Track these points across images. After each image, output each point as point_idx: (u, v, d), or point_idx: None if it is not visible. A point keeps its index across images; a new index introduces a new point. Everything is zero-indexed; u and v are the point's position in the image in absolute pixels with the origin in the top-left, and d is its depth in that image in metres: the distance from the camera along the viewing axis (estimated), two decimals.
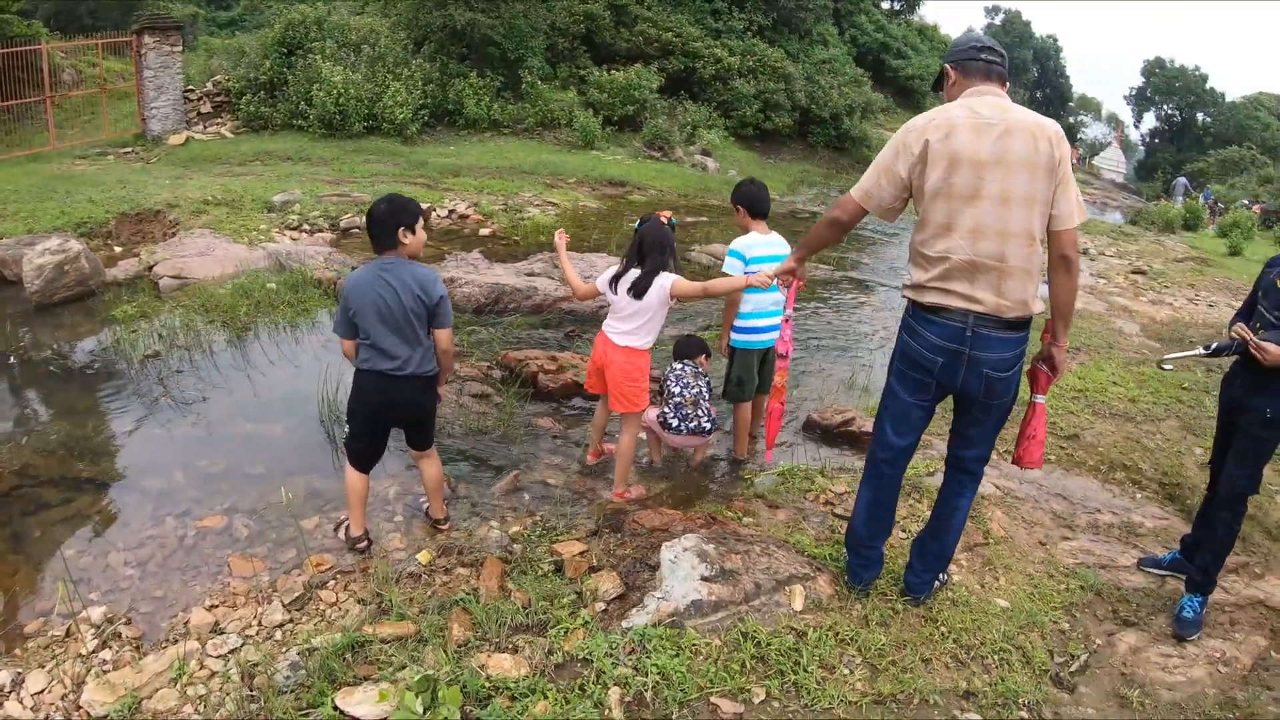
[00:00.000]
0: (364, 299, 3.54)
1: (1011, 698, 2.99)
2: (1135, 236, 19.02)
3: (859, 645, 3.11)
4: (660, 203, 14.67)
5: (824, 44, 26.05)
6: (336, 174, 12.82)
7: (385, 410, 3.77)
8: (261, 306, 7.01)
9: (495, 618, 3.16)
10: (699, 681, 2.82)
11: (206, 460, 4.70)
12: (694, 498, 4.76)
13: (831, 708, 2.79)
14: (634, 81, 19.21)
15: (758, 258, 4.63)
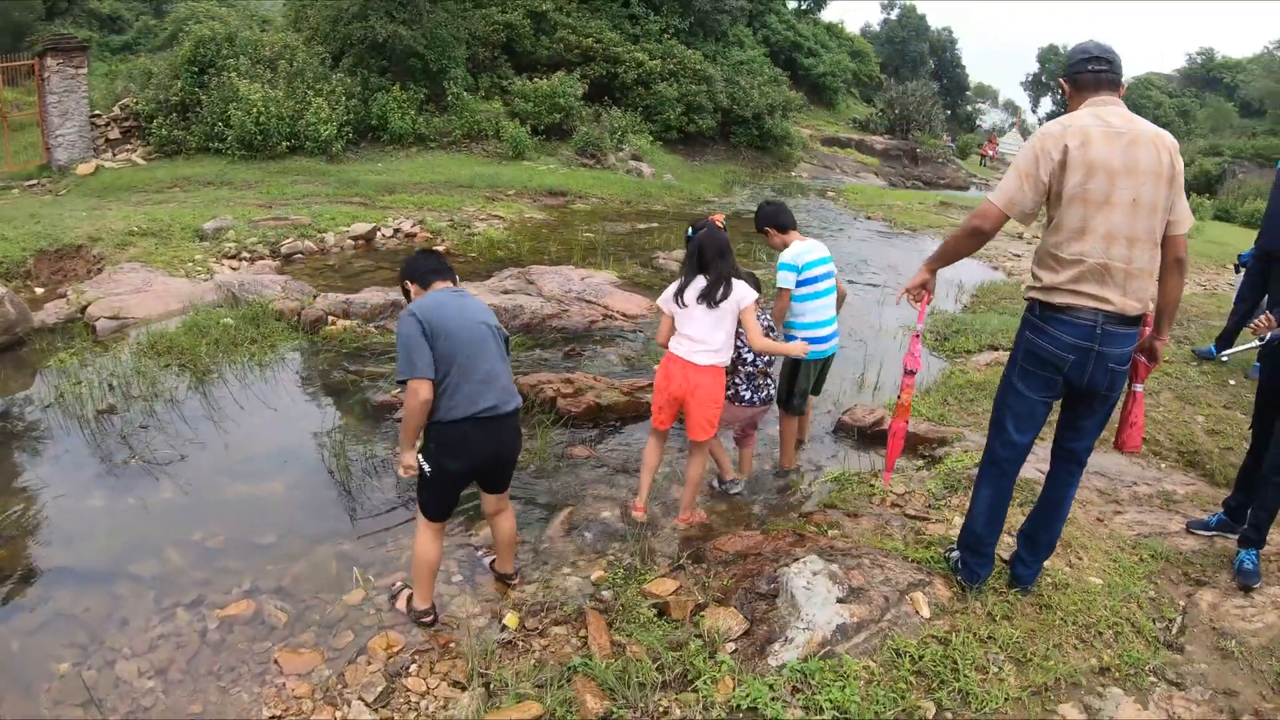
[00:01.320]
0: (453, 327, 3.07)
1: (1139, 666, 3.07)
2: None
3: (999, 642, 3.08)
4: (605, 211, 14.42)
5: (740, 45, 26.23)
6: (265, 197, 12.06)
7: (493, 459, 3.28)
8: (222, 345, 6.33)
9: (627, 680, 2.78)
10: (875, 709, 2.67)
11: (202, 532, 4.03)
12: (756, 516, 4.50)
13: (1000, 708, 2.75)
14: (558, 89, 18.87)
15: (810, 263, 4.53)
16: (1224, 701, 2.94)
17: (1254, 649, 3.23)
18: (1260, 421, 4.00)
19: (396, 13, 16.38)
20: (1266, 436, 3.87)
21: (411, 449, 3.15)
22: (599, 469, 4.90)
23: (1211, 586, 3.72)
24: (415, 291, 3.34)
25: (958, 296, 10.12)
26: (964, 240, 3.18)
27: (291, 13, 19.45)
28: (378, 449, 4.96)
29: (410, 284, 3.38)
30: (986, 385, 6.42)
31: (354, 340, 6.71)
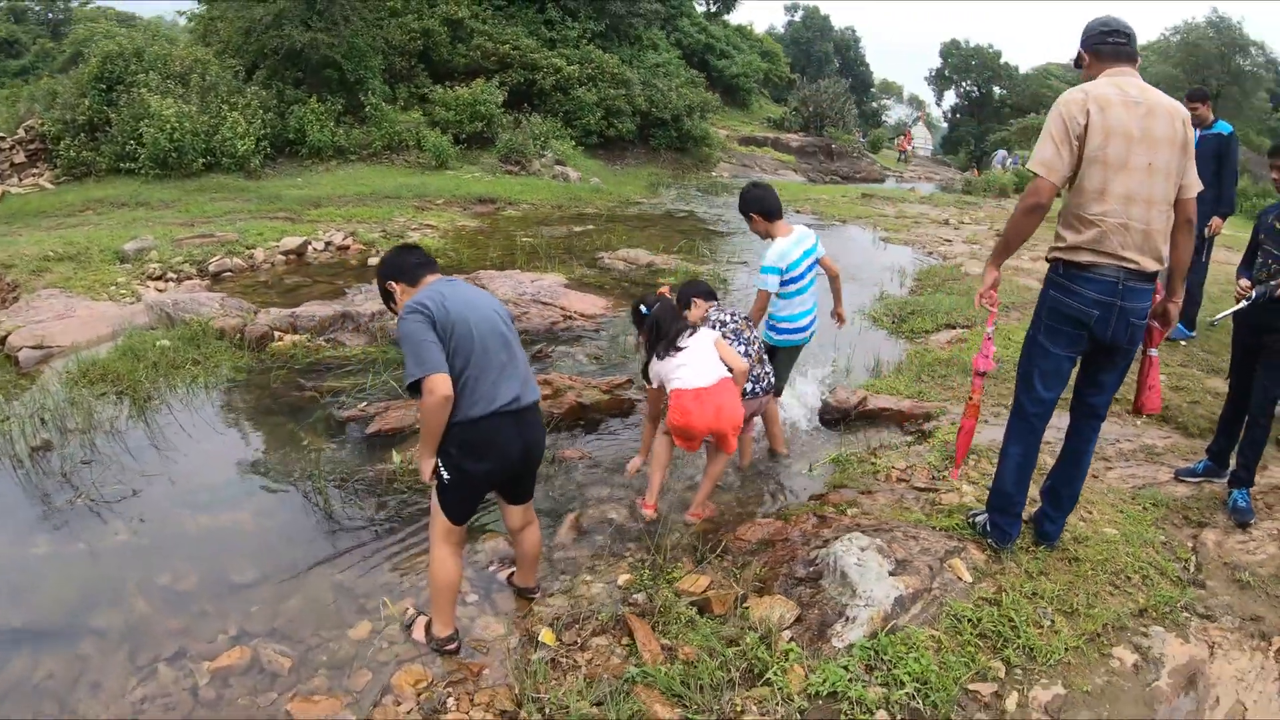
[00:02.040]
0: (463, 317, 2.77)
1: (1172, 605, 3.23)
2: (977, 204, 20.40)
3: (1044, 597, 3.16)
4: (537, 216, 14.23)
5: (654, 49, 26.31)
6: (185, 216, 11.39)
7: (523, 458, 2.99)
8: (161, 369, 5.84)
9: (692, 683, 2.61)
10: (953, 676, 2.66)
11: (169, 575, 3.56)
12: (765, 503, 4.40)
13: (1064, 658, 2.84)
14: (478, 97, 18.52)
15: (794, 262, 4.42)
16: (1252, 627, 3.14)
17: (1265, 578, 3.47)
18: (1238, 373, 4.28)
19: (312, 22, 15.80)
20: (1243, 387, 4.19)
21: (433, 455, 2.83)
22: (593, 469, 4.67)
23: (1212, 527, 3.93)
24: (402, 291, 2.96)
25: (902, 281, 10.24)
26: (1024, 220, 3.21)
27: (200, 26, 18.60)
28: (353, 466, 4.61)
29: (395, 284, 2.98)
30: (954, 361, 6.49)
31: (306, 356, 6.31)
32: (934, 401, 5.62)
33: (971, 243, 13.62)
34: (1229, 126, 6.77)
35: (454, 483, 2.86)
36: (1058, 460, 3.53)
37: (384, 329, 6.79)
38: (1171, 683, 2.81)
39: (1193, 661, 2.92)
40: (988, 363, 3.48)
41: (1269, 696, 2.78)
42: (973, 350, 6.72)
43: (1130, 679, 2.81)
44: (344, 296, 8.06)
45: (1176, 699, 2.73)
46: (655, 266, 10.35)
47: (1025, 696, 2.65)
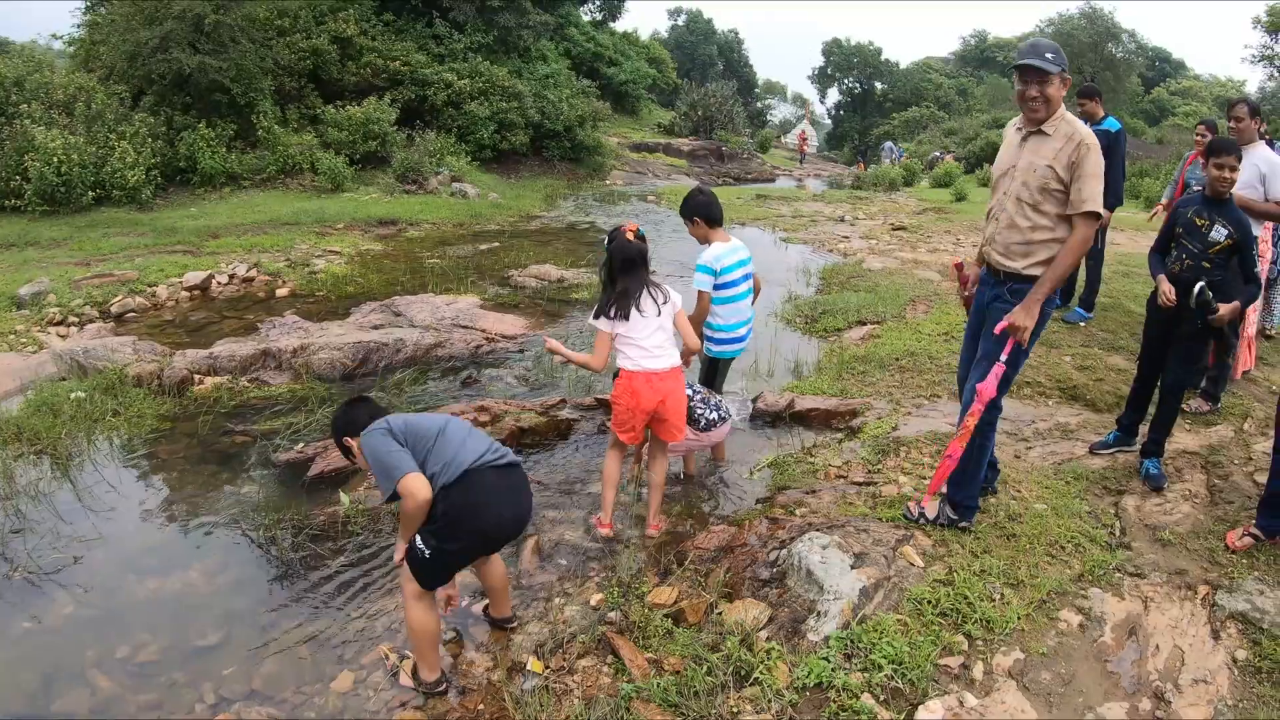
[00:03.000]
0: (418, 419, 3.00)
1: (1105, 567, 3.56)
2: (868, 199, 21.21)
3: (991, 573, 3.43)
4: (440, 236, 14.07)
5: (544, 60, 26.30)
6: (80, 254, 10.78)
7: (516, 520, 3.07)
8: (80, 424, 5.54)
9: (686, 693, 2.74)
10: (924, 653, 2.88)
11: (127, 646, 3.41)
12: (715, 511, 4.56)
13: (1019, 625, 3.11)
14: (371, 115, 18.13)
15: (729, 267, 4.54)
16: (1179, 579, 3.51)
17: (1183, 534, 3.87)
18: (1149, 356, 4.64)
19: (199, 44, 15.20)
20: (1153, 367, 4.59)
21: (408, 541, 2.92)
22: (543, 493, 4.71)
23: (1130, 494, 4.31)
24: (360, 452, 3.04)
25: (808, 281, 10.64)
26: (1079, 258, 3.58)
27: (82, 52, 17.60)
28: (301, 512, 4.51)
29: (352, 440, 3.03)
30: (871, 357, 6.83)
31: (231, 398, 6.11)
32: (858, 398, 5.91)
33: (868, 238, 14.20)
34: (1117, 123, 7.22)
35: (433, 558, 2.89)
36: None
37: (307, 365, 6.66)
38: (1115, 637, 3.13)
39: (1131, 616, 3.24)
40: (993, 390, 3.53)
41: (1202, 639, 3.14)
42: (887, 346, 7.09)
43: (1078, 638, 3.12)
44: (257, 332, 7.84)
45: (1121, 650, 3.05)
46: (567, 281, 10.44)
47: (990, 664, 2.91)
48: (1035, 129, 3.49)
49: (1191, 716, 2.75)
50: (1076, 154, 3.32)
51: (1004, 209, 3.57)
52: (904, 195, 22.75)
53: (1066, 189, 3.36)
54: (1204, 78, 53.18)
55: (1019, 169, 3.52)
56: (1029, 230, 3.47)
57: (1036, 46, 3.44)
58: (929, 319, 8.09)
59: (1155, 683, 2.91)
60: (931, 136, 41.22)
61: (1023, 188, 3.48)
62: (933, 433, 5.15)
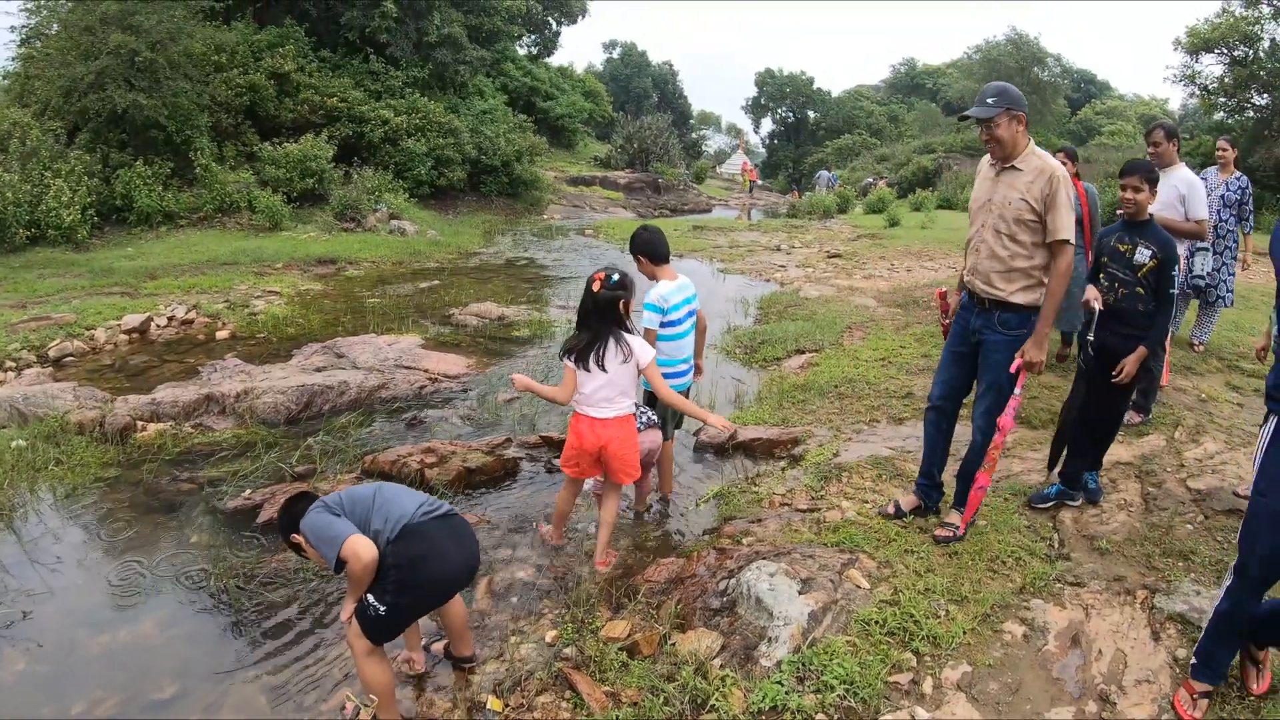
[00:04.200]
0: (353, 491, 3.04)
1: (1046, 579, 3.74)
2: (803, 227, 21.73)
3: (935, 591, 3.59)
4: (380, 274, 13.99)
5: (480, 95, 26.46)
6: (14, 296, 10.44)
7: (469, 560, 3.14)
8: (21, 472, 5.40)
9: None
10: (874, 672, 3.01)
11: (83, 702, 3.36)
12: (664, 543, 4.66)
13: (965, 640, 3.27)
14: (308, 153, 18.02)
15: (675, 305, 4.65)
16: (1118, 586, 3.70)
17: (1119, 542, 4.09)
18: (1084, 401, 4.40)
19: (135, 80, 14.96)
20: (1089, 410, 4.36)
21: (355, 602, 2.96)
22: (493, 533, 4.75)
23: (1067, 507, 4.52)
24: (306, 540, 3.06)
25: (746, 311, 10.88)
26: (1066, 286, 3.75)
27: (16, 87, 17.13)
28: (251, 559, 4.49)
29: (299, 536, 3.02)
30: (811, 385, 7.04)
31: (175, 445, 6.00)
32: (799, 426, 6.10)
33: (805, 266, 14.58)
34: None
35: (387, 616, 2.91)
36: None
37: (251, 409, 6.59)
38: (1059, 645, 3.31)
39: (1073, 624, 3.44)
40: (1011, 422, 3.88)
41: (1143, 641, 3.35)
42: (826, 374, 7.31)
43: (1023, 648, 3.30)
44: (199, 375, 7.72)
45: (1065, 657, 3.24)
46: (507, 319, 10.49)
47: (939, 678, 3.07)
48: (1007, 165, 3.78)
49: (1136, 715, 2.92)
50: (1049, 187, 3.63)
51: (983, 240, 3.87)
52: (839, 222, 23.37)
53: (1040, 219, 3.69)
54: (1128, 97, 55.71)
55: (995, 202, 3.82)
56: (1009, 259, 3.77)
57: (981, 94, 3.78)
58: (866, 345, 8.36)
59: (1100, 685, 3.08)
60: (864, 163, 42.43)
61: (1000, 220, 3.79)
62: (874, 457, 5.35)
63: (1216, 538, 4.15)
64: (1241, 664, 3.06)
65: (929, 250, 15.91)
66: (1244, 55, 21.10)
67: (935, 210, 24.86)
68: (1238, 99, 21.84)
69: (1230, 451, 5.22)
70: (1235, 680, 3.04)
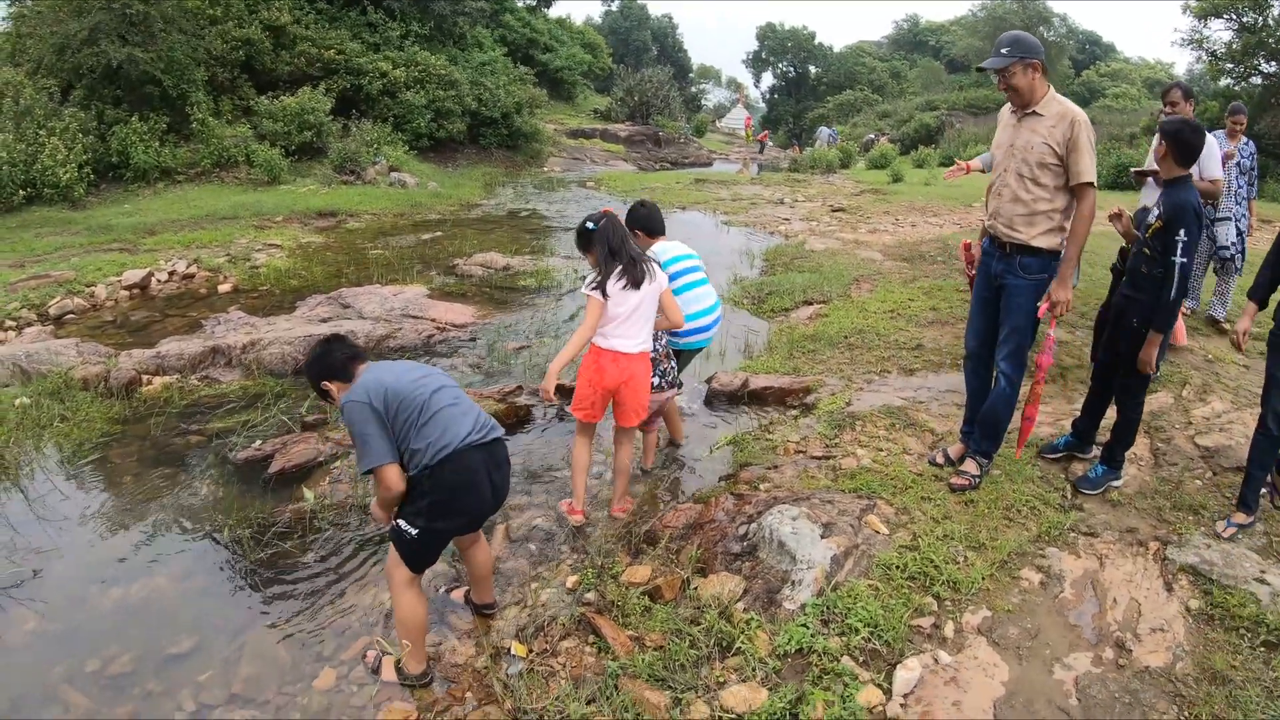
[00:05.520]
0: (399, 388, 2.87)
1: (1060, 528, 3.75)
2: (805, 181, 21.48)
3: (954, 537, 3.60)
4: (381, 226, 13.86)
5: (480, 47, 25.97)
6: (12, 255, 10.29)
7: (495, 502, 3.08)
8: (26, 430, 5.34)
9: (671, 667, 2.83)
10: (897, 615, 3.02)
11: (98, 659, 3.29)
12: (680, 490, 4.64)
13: (984, 585, 3.29)
14: (306, 106, 17.68)
15: (670, 260, 4.56)
16: (1130, 537, 3.73)
17: (1131, 495, 4.11)
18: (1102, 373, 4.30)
19: (129, 35, 14.65)
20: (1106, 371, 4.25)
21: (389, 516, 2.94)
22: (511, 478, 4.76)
23: (1079, 460, 4.51)
24: (339, 389, 2.98)
25: (751, 262, 10.79)
26: (1089, 228, 3.74)
27: (8, 46, 16.78)
28: (264, 510, 4.44)
29: (330, 384, 3.00)
30: (821, 336, 6.98)
31: (182, 398, 5.95)
32: (810, 376, 6.06)
33: (809, 220, 14.44)
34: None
35: (420, 538, 2.90)
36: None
37: (258, 360, 6.54)
38: (1075, 592, 3.33)
39: (1088, 572, 3.45)
40: (1050, 358, 3.98)
41: (1156, 590, 3.36)
42: (835, 324, 7.25)
43: (1040, 594, 3.31)
44: (202, 329, 7.65)
45: (1082, 605, 3.25)
46: (513, 269, 10.42)
47: (960, 623, 3.08)
48: (1028, 111, 3.79)
49: (1152, 663, 2.93)
50: (1070, 131, 3.64)
51: (1006, 184, 3.89)
52: (841, 177, 23.12)
53: (1062, 162, 3.68)
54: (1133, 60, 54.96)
55: (1017, 147, 3.82)
56: (1031, 202, 3.78)
57: (996, 44, 3.80)
58: (874, 297, 8.29)
59: (1116, 633, 3.10)
60: (866, 119, 41.87)
61: (1022, 164, 3.79)
62: (886, 406, 5.31)
63: (1225, 494, 4.13)
64: None
65: (933, 206, 15.73)
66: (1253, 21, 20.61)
67: (938, 168, 24.52)
68: (1245, 65, 21.36)
69: (1237, 411, 5.17)
70: None
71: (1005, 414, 4.12)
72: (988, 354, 4.25)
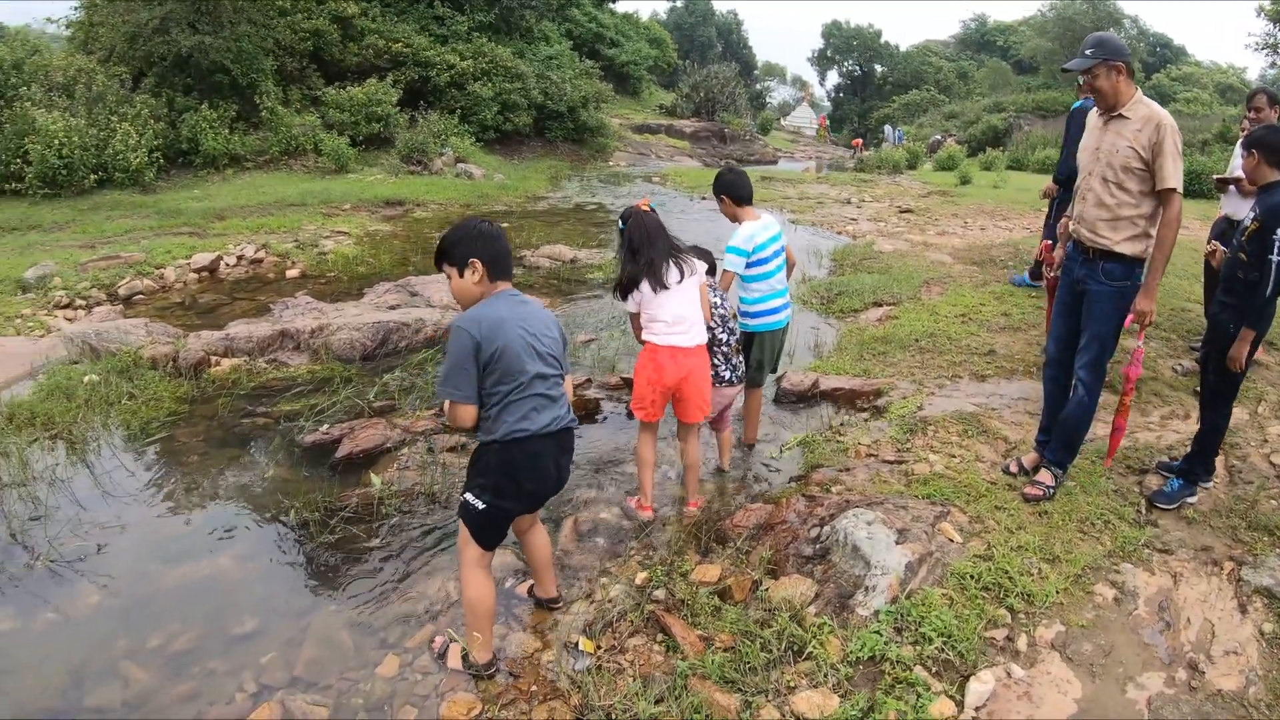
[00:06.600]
0: (510, 342, 2.72)
1: (1135, 544, 3.66)
2: (872, 182, 21.08)
3: (1028, 549, 3.50)
4: (448, 217, 14.00)
5: (546, 40, 26.18)
6: (83, 237, 10.70)
7: (556, 485, 3.01)
8: (94, 406, 5.46)
9: (741, 669, 2.77)
10: (971, 626, 2.95)
11: (160, 636, 3.27)
12: (748, 489, 4.55)
13: (1058, 599, 3.19)
14: (374, 97, 18.06)
15: (761, 245, 4.52)
16: (1204, 556, 3.62)
17: (1206, 513, 3.97)
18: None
19: (199, 24, 15.09)
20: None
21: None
22: (576, 472, 4.55)
23: (1153, 473, 4.37)
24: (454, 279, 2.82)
25: (819, 262, 10.62)
26: (1176, 235, 3.66)
27: (80, 33, 17.46)
28: (331, 494, 4.42)
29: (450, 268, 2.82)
30: (891, 338, 6.81)
31: (249, 380, 6.05)
32: (880, 378, 5.91)
33: (876, 220, 14.16)
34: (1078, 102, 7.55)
35: (487, 513, 2.85)
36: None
37: (326, 345, 6.63)
38: (1149, 610, 3.20)
39: (1162, 590, 3.33)
40: (1139, 369, 3.89)
41: (1230, 612, 3.22)
42: (906, 327, 7.09)
43: (1114, 611, 3.19)
44: (270, 313, 7.78)
45: (1155, 623, 3.13)
46: (580, 261, 10.42)
47: (1033, 636, 2.98)
48: (1114, 114, 3.74)
49: (1225, 686, 2.83)
50: (1156, 135, 3.58)
51: (1091, 188, 3.84)
52: (908, 178, 22.65)
53: (1148, 167, 3.60)
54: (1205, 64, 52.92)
55: (1103, 150, 3.80)
56: (1116, 207, 3.73)
57: (1082, 45, 3.76)
58: (944, 300, 8.08)
59: (1189, 654, 3.00)
60: (932, 120, 41.06)
61: (1107, 168, 3.74)
62: (958, 412, 5.15)
63: None
64: None
65: (1001, 209, 15.30)
66: None
67: (1005, 170, 23.90)
68: None
69: None
70: None
71: (1083, 424, 4.01)
72: (1068, 360, 4.13)
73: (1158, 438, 4.79)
